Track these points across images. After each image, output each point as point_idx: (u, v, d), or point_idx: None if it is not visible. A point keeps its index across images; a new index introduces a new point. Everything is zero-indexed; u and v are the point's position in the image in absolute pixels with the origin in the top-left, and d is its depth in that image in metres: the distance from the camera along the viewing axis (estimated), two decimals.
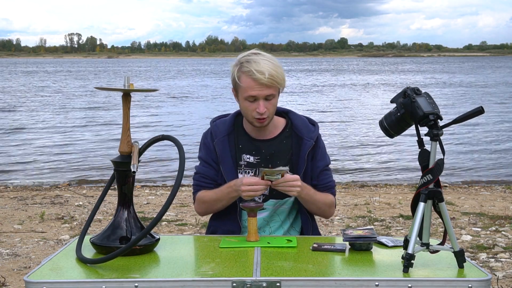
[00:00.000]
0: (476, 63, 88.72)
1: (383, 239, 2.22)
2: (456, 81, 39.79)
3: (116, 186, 2.13)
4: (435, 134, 1.88)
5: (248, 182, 2.33)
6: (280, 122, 2.59)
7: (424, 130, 1.92)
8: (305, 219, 2.59)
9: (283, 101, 21.87)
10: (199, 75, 51.38)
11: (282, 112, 2.62)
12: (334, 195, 2.62)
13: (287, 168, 2.35)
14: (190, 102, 24.02)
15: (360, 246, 2.11)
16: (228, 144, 2.53)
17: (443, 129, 1.90)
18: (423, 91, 1.96)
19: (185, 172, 1.98)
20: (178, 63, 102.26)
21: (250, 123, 2.51)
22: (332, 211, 2.63)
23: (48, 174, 9.81)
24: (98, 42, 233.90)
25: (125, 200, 2.12)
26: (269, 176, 2.30)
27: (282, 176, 2.32)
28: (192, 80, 42.07)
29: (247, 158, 2.53)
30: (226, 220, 2.56)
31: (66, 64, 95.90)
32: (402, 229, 5.77)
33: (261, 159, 2.53)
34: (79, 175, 9.64)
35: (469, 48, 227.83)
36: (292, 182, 2.34)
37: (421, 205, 1.89)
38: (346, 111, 20.26)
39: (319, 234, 2.68)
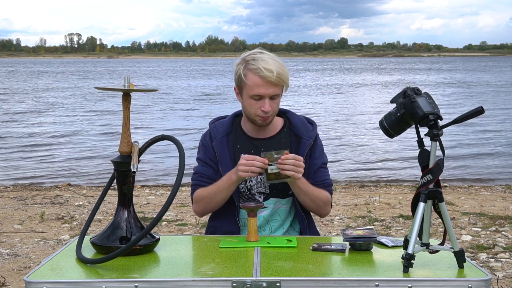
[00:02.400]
0: (492, 63, 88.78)
1: (383, 239, 2.22)
2: (475, 80, 39.92)
3: (116, 186, 2.13)
4: (435, 134, 1.88)
5: (246, 157, 2.33)
6: (278, 121, 2.60)
7: (424, 130, 1.92)
8: (301, 219, 2.58)
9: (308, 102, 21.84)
10: (214, 75, 51.15)
11: (280, 112, 2.62)
12: (331, 193, 2.59)
13: (288, 150, 2.35)
14: (225, 103, 23.81)
15: (360, 246, 2.11)
16: (227, 144, 2.54)
17: (443, 129, 1.90)
18: (423, 91, 1.96)
19: (185, 172, 1.98)
20: (184, 63, 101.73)
21: (252, 122, 2.51)
22: (327, 209, 2.58)
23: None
24: (98, 42, 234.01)
25: (125, 200, 2.12)
26: (272, 162, 2.30)
27: None
28: (211, 80, 41.95)
29: None
30: (225, 221, 2.56)
31: (72, 64, 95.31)
32: (402, 229, 5.77)
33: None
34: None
35: (469, 48, 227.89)
36: (300, 162, 2.32)
37: (421, 205, 1.89)
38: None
39: (317, 233, 2.67)
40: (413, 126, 1.94)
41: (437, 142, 1.89)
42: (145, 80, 41.67)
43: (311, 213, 2.67)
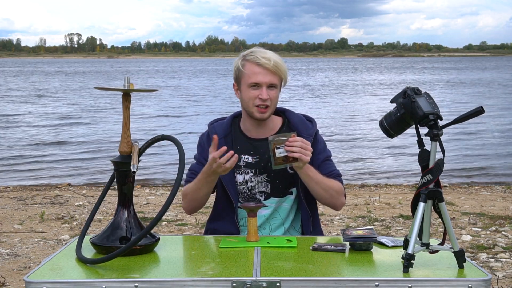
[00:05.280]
0: (496, 62, 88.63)
1: (383, 239, 2.22)
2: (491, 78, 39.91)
3: (116, 186, 2.13)
4: (435, 134, 1.88)
5: (212, 158, 2.26)
6: (277, 121, 2.60)
7: (424, 130, 1.92)
8: (305, 216, 2.57)
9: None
10: (226, 75, 51.04)
11: (279, 111, 2.62)
12: (342, 183, 2.56)
13: (295, 132, 2.34)
14: None
15: (360, 246, 2.11)
16: (225, 146, 2.53)
17: (443, 129, 1.90)
18: (423, 91, 1.96)
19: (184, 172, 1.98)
20: (198, 63, 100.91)
21: (251, 115, 2.50)
22: (342, 200, 2.54)
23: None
24: (98, 42, 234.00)
25: (125, 200, 2.11)
26: (280, 145, 2.27)
27: None
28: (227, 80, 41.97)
29: (246, 158, 2.53)
30: (223, 222, 2.56)
31: (78, 64, 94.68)
32: (402, 229, 5.76)
33: (260, 158, 2.52)
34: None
35: (469, 48, 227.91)
36: (308, 146, 2.30)
37: (421, 205, 1.89)
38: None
39: (321, 232, 2.66)
40: (413, 126, 1.94)
41: (437, 142, 1.89)
42: (172, 80, 41.47)
43: (318, 213, 2.67)
